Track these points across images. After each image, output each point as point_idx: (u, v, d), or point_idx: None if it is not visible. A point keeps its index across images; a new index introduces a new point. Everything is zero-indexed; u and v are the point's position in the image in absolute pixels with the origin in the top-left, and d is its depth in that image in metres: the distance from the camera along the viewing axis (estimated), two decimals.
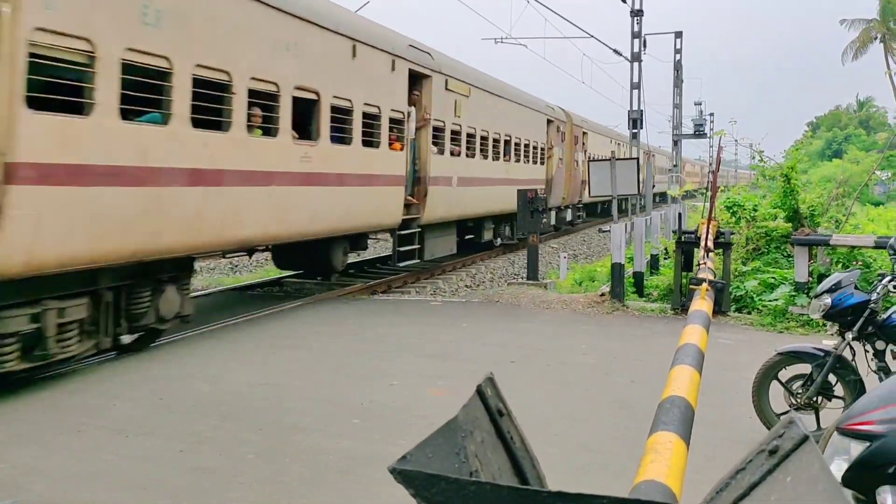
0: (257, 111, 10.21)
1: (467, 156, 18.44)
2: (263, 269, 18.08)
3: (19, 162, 6.66)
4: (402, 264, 16.22)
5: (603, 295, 12.75)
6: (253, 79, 9.98)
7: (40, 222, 6.90)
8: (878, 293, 5.65)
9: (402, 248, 15.20)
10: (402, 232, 15.09)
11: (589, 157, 28.93)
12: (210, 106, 9.23)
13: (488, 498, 1.08)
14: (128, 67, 7.78)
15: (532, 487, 1.35)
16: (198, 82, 8.96)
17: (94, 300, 7.92)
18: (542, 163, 25.20)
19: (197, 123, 8.99)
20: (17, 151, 6.63)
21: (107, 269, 7.98)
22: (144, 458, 5.44)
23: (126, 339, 8.75)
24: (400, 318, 11.29)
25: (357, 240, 14.70)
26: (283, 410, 6.60)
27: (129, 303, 8.46)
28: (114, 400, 6.85)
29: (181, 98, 8.65)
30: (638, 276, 13.85)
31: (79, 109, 7.34)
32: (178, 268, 9.33)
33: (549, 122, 26.00)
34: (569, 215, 30.01)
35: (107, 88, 7.52)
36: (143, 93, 8.09)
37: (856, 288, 5.78)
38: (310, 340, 9.59)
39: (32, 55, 6.73)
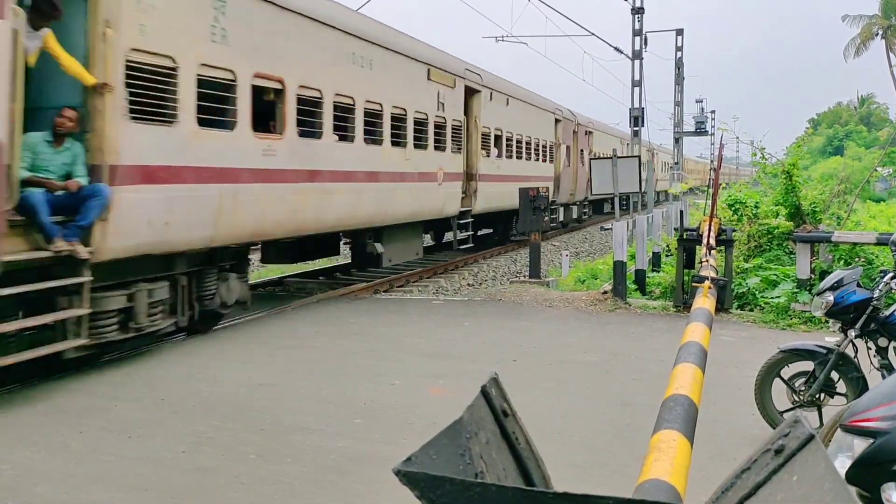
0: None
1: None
2: (266, 269, 18.08)
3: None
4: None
5: (605, 293, 12.75)
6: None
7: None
8: (881, 290, 5.63)
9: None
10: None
11: (593, 156, 29.34)
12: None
13: (493, 499, 1.07)
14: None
15: (537, 489, 1.35)
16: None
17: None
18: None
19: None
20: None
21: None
22: (146, 459, 5.44)
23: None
24: (402, 318, 11.28)
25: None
26: (284, 410, 6.60)
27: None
28: (115, 401, 6.85)
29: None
30: (640, 274, 13.84)
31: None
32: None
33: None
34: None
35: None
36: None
37: (858, 285, 5.77)
38: (311, 340, 9.59)
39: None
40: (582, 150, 30.72)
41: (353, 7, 14.16)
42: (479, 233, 23.48)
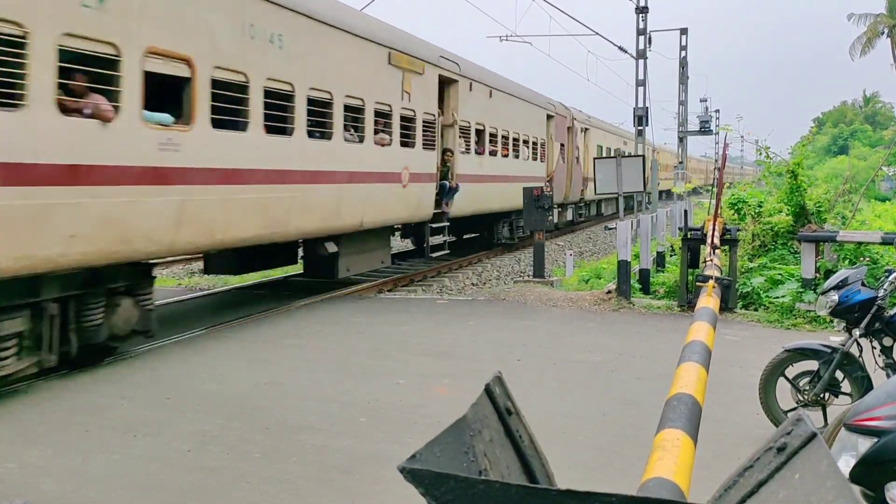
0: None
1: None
2: (271, 270, 18.07)
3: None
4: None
5: (609, 292, 12.74)
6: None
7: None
8: (886, 289, 5.63)
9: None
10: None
11: (588, 154, 28.81)
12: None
13: (497, 497, 1.08)
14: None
15: (541, 486, 1.36)
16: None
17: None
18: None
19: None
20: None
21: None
22: (151, 458, 5.46)
23: None
24: (406, 317, 11.30)
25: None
26: (288, 409, 6.62)
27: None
28: (121, 399, 6.88)
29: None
30: (644, 274, 13.83)
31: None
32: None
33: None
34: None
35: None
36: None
37: (863, 284, 5.76)
38: (316, 339, 9.60)
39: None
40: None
41: (356, 7, 14.05)
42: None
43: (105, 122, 7.72)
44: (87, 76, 7.67)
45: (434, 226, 16.70)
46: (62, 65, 7.19)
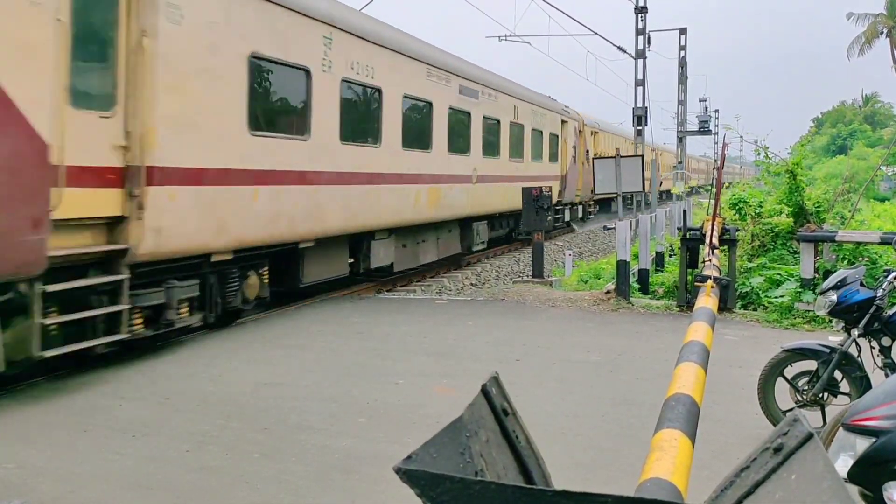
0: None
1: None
2: None
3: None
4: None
5: (608, 292, 12.74)
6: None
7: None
8: (884, 289, 5.63)
9: None
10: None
11: (597, 155, 29.59)
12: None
13: (493, 497, 1.08)
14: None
15: (537, 487, 1.36)
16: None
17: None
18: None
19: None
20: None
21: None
22: (150, 458, 5.45)
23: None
24: (405, 317, 11.30)
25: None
26: (288, 409, 6.62)
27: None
28: (120, 400, 6.87)
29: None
30: (643, 274, 13.83)
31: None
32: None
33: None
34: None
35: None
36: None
37: (861, 284, 5.76)
38: (315, 339, 9.60)
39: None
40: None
41: (355, 7, 14.18)
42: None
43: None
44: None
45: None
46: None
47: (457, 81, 16.96)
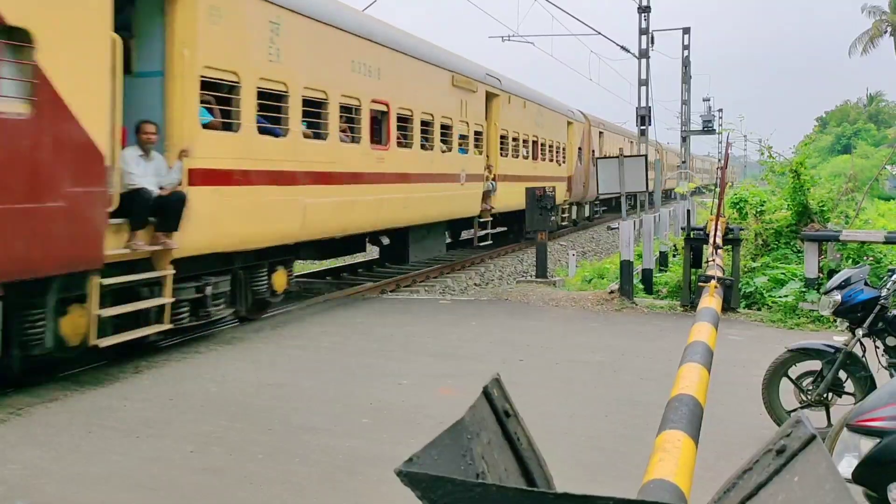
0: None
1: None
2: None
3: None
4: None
5: (612, 292, 12.73)
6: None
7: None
8: (889, 289, 5.62)
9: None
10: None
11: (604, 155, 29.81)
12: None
13: (494, 500, 1.08)
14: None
15: (538, 489, 1.35)
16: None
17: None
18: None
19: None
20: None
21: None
22: (154, 459, 5.46)
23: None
24: (409, 317, 11.30)
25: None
26: (292, 410, 6.62)
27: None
28: (124, 401, 6.88)
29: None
30: (647, 274, 13.81)
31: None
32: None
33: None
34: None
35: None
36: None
37: (866, 284, 5.75)
38: (319, 340, 9.61)
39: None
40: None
41: (358, 8, 14.21)
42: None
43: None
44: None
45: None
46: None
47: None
